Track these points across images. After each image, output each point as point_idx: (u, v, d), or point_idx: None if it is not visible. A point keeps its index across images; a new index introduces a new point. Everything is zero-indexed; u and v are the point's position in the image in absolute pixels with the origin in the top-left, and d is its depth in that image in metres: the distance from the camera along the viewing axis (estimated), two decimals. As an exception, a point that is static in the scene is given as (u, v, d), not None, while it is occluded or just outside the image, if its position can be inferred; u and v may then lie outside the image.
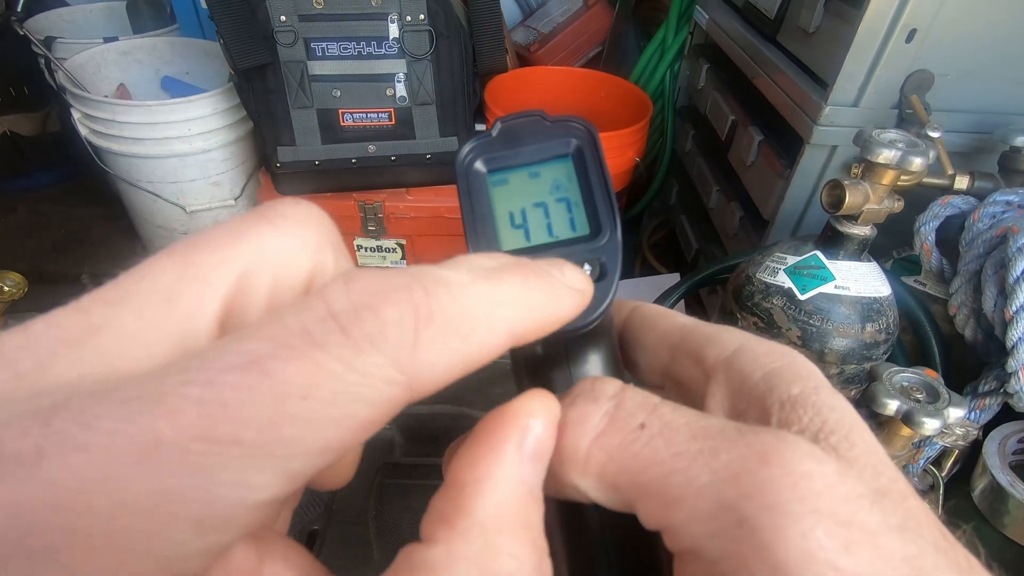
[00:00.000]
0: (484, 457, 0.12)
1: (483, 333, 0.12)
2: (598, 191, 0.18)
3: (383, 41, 1.01)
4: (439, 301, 0.12)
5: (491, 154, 0.19)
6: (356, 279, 0.12)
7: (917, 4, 0.62)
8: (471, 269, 0.13)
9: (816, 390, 0.15)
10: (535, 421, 0.13)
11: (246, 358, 0.10)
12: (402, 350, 0.11)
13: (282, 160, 1.08)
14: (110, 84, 1.29)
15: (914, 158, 0.54)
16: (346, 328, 0.11)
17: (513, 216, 0.18)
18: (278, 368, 0.10)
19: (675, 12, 1.25)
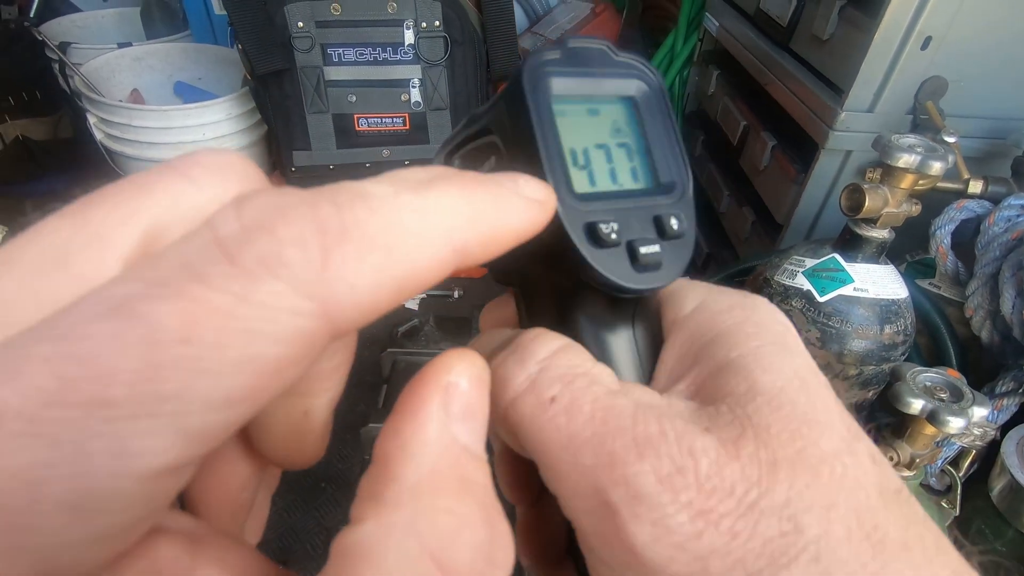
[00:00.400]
0: (407, 423, 0.11)
1: (413, 245, 0.11)
2: (666, 142, 0.17)
3: (399, 47, 1.02)
4: (353, 214, 0.10)
5: (564, 75, 0.16)
6: (250, 199, 0.10)
7: (932, 13, 0.64)
8: (396, 180, 0.11)
9: (756, 351, 0.15)
10: (459, 379, 0.12)
11: (111, 303, 0.09)
12: (307, 272, 0.09)
13: (297, 164, 1.09)
14: (123, 89, 1.30)
15: (933, 162, 0.56)
16: (233, 254, 0.09)
17: (575, 154, 0.16)
18: (148, 310, 0.08)
19: (684, 19, 1.27)
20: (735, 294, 0.17)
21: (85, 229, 0.11)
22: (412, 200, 0.11)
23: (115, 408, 0.08)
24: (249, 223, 0.09)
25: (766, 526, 0.12)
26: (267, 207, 0.10)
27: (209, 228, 0.09)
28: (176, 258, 0.09)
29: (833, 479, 0.13)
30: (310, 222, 0.10)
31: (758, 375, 0.14)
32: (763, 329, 0.15)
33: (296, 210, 0.10)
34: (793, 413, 0.13)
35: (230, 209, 0.10)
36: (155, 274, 0.09)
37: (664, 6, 1.45)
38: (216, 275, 0.09)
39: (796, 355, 0.15)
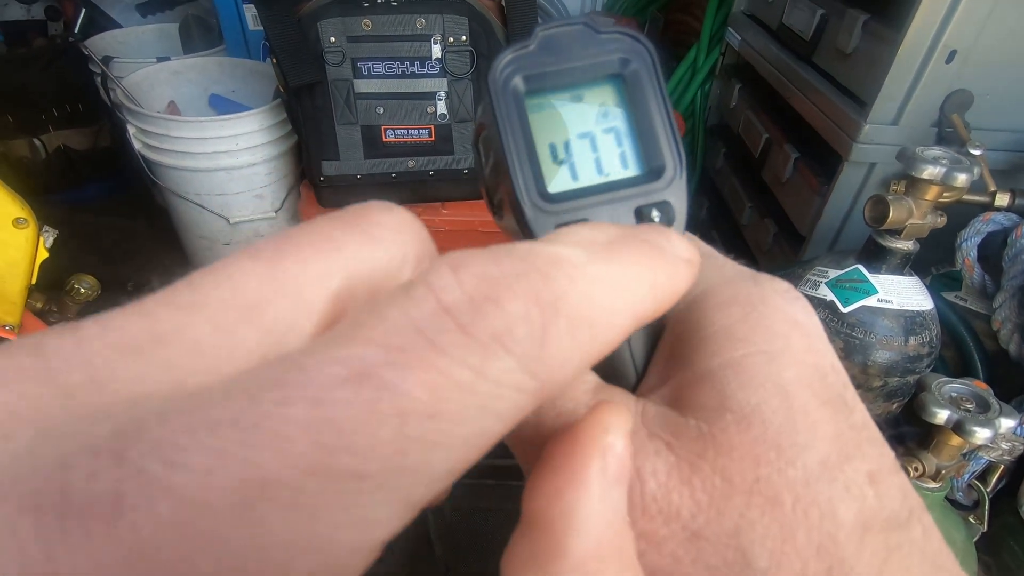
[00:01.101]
0: (568, 486, 0.11)
1: (609, 321, 0.10)
2: (657, 122, 0.16)
3: (426, 61, 1.05)
4: (560, 286, 0.10)
5: (531, 71, 0.15)
6: (464, 264, 0.10)
7: (958, 26, 0.64)
8: (581, 243, 0.11)
9: (740, 361, 0.13)
10: (614, 439, 0.11)
11: (355, 367, 0.08)
12: (532, 349, 0.09)
13: (326, 174, 1.12)
14: (161, 101, 1.35)
15: (959, 174, 0.56)
16: (467, 327, 0.09)
17: (555, 149, 0.15)
18: (396, 380, 0.08)
19: (706, 33, 1.28)
20: (743, 281, 0.15)
21: (277, 281, 0.10)
22: (604, 271, 0.11)
23: (367, 481, 0.08)
24: (474, 293, 0.09)
25: (710, 554, 0.12)
26: (485, 276, 0.09)
27: (431, 292, 0.09)
28: (404, 322, 0.09)
29: (797, 509, 0.12)
30: (530, 295, 0.09)
31: (732, 390, 0.13)
32: (758, 332, 0.14)
33: (515, 281, 0.09)
34: (763, 435, 0.12)
35: (448, 275, 0.09)
36: (389, 339, 0.08)
37: (686, 21, 1.47)
38: (454, 346, 0.09)
39: (790, 364, 0.13)
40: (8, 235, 0.49)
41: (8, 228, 0.49)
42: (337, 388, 0.08)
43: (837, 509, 0.12)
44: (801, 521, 0.12)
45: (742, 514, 0.12)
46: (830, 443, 0.13)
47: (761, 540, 0.12)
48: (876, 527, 0.12)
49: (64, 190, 1.54)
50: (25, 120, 1.42)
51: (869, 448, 0.13)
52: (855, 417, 0.13)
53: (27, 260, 0.51)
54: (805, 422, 0.13)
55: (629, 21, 1.59)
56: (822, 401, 0.13)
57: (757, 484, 0.12)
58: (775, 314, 0.14)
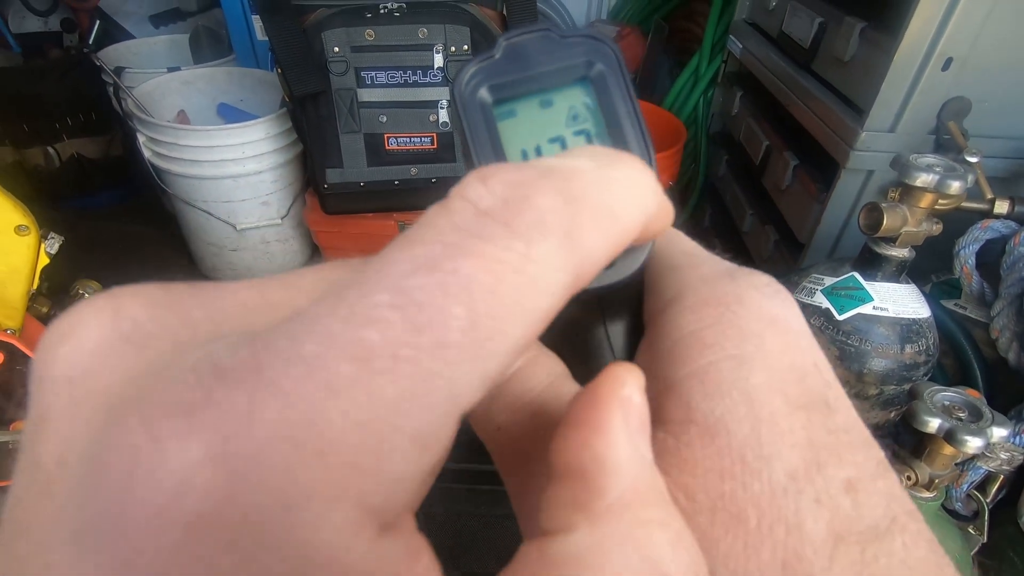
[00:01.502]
0: (594, 435, 0.11)
1: (625, 213, 0.11)
2: (626, 122, 0.16)
3: (428, 70, 1.07)
4: (580, 186, 0.11)
5: (497, 80, 0.15)
6: (492, 175, 0.11)
7: (954, 33, 0.64)
8: (588, 156, 0.12)
9: (705, 369, 0.13)
10: (630, 392, 0.11)
11: (421, 262, 0.09)
12: (565, 236, 0.10)
13: (330, 181, 1.14)
14: (171, 111, 1.37)
15: (952, 182, 0.56)
16: (507, 221, 0.10)
17: (526, 154, 0.16)
18: (459, 265, 0.09)
19: (708, 42, 1.29)
20: (719, 280, 0.15)
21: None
22: (615, 173, 0.12)
23: (450, 350, 0.09)
24: (507, 195, 0.10)
25: None
26: (513, 182, 0.10)
27: (465, 201, 0.10)
28: (450, 226, 0.10)
29: (763, 525, 0.12)
30: (556, 192, 0.10)
31: (697, 401, 0.13)
32: (728, 335, 0.13)
33: (539, 183, 0.11)
34: (727, 446, 0.12)
35: (479, 185, 0.10)
36: (442, 237, 0.10)
37: (689, 28, 1.48)
38: (499, 237, 0.10)
39: (761, 368, 0.13)
40: (10, 242, 0.51)
41: (10, 235, 0.50)
42: (409, 277, 0.09)
43: (804, 522, 0.12)
44: (766, 538, 0.12)
45: (705, 532, 0.12)
46: (801, 451, 0.12)
47: (724, 560, 0.12)
48: (851, 538, 0.12)
49: (77, 197, 1.57)
50: (40, 129, 1.45)
51: (849, 453, 0.13)
52: (836, 420, 0.13)
53: (28, 266, 0.53)
54: (772, 431, 0.12)
55: (633, 29, 1.60)
56: (796, 406, 0.13)
57: (721, 500, 0.12)
58: (749, 313, 0.14)
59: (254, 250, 1.34)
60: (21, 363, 0.46)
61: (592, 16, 1.78)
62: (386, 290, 0.09)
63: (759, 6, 1.08)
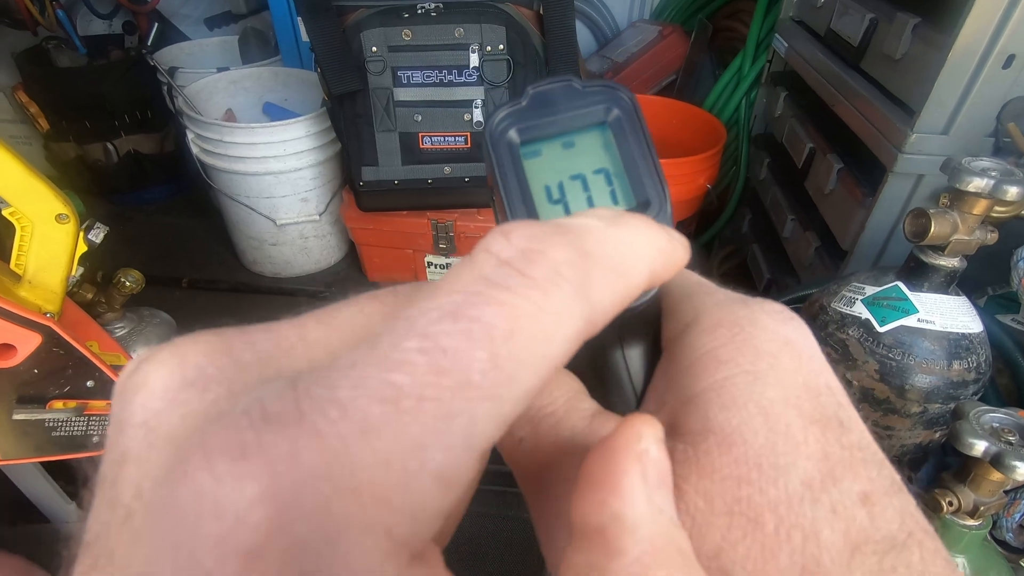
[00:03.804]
0: (612, 494, 0.11)
1: (632, 271, 0.12)
2: (641, 162, 0.17)
3: (464, 70, 1.07)
4: (591, 243, 0.12)
5: (524, 123, 0.17)
6: (512, 230, 0.12)
7: (1016, 29, 0.60)
8: (597, 216, 0.13)
9: (722, 384, 0.14)
10: (647, 445, 0.12)
11: (446, 310, 0.10)
12: (580, 287, 0.11)
13: (365, 179, 1.16)
14: (219, 109, 1.43)
15: (1009, 187, 0.52)
16: (525, 271, 0.11)
17: (550, 190, 0.17)
18: (481, 313, 0.10)
19: (752, 40, 1.25)
20: (732, 306, 0.15)
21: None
22: (620, 232, 0.13)
23: (473, 391, 0.10)
24: (526, 248, 0.11)
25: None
26: (532, 236, 0.11)
27: (488, 253, 0.11)
28: (474, 276, 0.11)
29: (780, 530, 0.12)
30: (570, 247, 0.11)
31: (714, 412, 0.13)
32: (743, 353, 0.14)
33: (555, 239, 0.11)
34: (745, 455, 0.13)
35: (501, 239, 0.11)
36: (466, 287, 0.11)
37: (734, 27, 1.43)
38: (518, 286, 0.10)
39: (775, 384, 0.14)
40: (51, 230, 0.54)
41: (51, 223, 0.53)
42: (439, 324, 0.10)
43: (821, 531, 0.12)
44: (784, 543, 0.12)
45: (723, 536, 0.12)
46: (816, 463, 0.13)
47: (742, 561, 0.12)
48: (867, 549, 0.12)
49: (132, 192, 1.65)
50: (101, 126, 1.54)
51: (863, 468, 0.13)
52: (850, 437, 0.13)
53: (67, 253, 0.55)
54: (788, 442, 0.13)
55: (676, 28, 1.56)
56: (810, 420, 0.13)
57: (739, 505, 0.12)
58: (763, 334, 0.14)
59: (292, 245, 1.38)
60: (58, 345, 0.48)
61: (635, 15, 1.76)
62: (415, 336, 0.10)
63: (806, 3, 1.04)
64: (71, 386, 0.50)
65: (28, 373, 0.49)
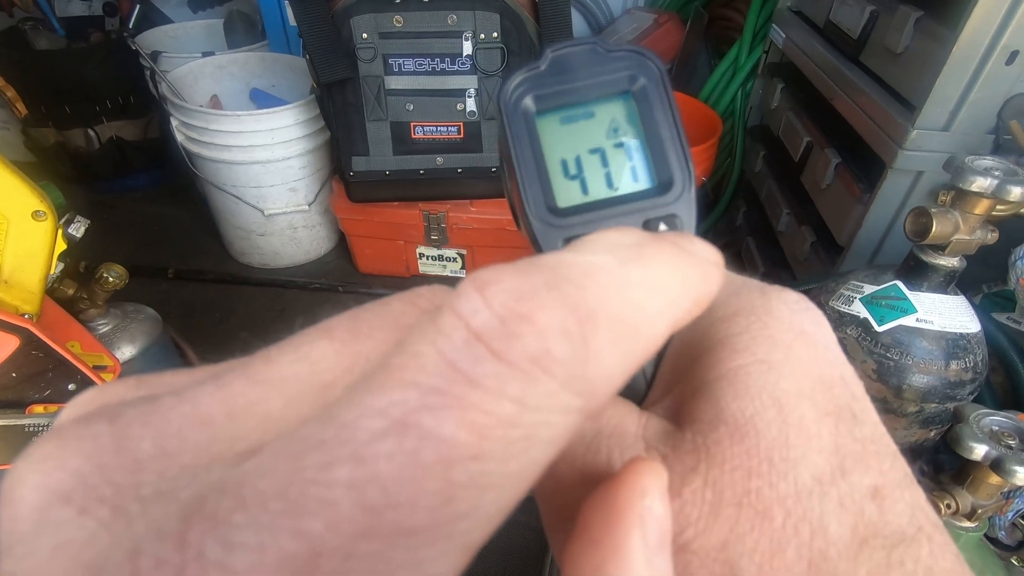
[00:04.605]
0: (610, 560, 0.10)
1: (651, 327, 0.10)
2: (667, 137, 0.16)
3: (457, 58, 1.05)
4: (596, 295, 0.09)
5: (541, 90, 0.16)
6: (490, 282, 0.09)
7: (1020, 25, 0.59)
8: (612, 248, 0.11)
9: (736, 372, 0.13)
10: (651, 502, 0.11)
11: (393, 416, 0.08)
12: (575, 367, 0.09)
13: (355, 169, 1.13)
14: (205, 95, 1.39)
15: (1013, 187, 0.51)
16: (502, 352, 0.08)
17: (567, 165, 0.16)
18: (436, 425, 0.08)
19: (749, 30, 1.23)
20: (749, 294, 0.15)
21: (350, 361, 0.10)
22: (639, 273, 0.10)
23: (418, 535, 0.08)
24: (505, 312, 0.09)
25: (698, 567, 0.12)
26: (515, 293, 0.09)
27: (459, 318, 0.09)
28: (437, 355, 0.08)
29: (787, 524, 0.12)
30: (565, 308, 0.09)
31: (727, 401, 0.13)
32: (759, 342, 0.13)
33: (547, 294, 0.09)
34: (756, 447, 0.12)
35: (475, 296, 0.09)
36: (424, 378, 0.08)
37: (730, 16, 1.41)
38: (491, 377, 0.08)
39: (789, 375, 0.13)
40: (27, 227, 0.51)
41: (27, 220, 0.51)
42: (377, 442, 0.08)
43: (829, 525, 0.12)
44: (791, 536, 0.12)
45: (731, 528, 0.12)
46: (827, 456, 0.12)
47: (750, 554, 0.12)
48: (876, 543, 0.12)
49: (115, 179, 1.61)
50: (81, 111, 1.49)
51: (875, 461, 0.13)
52: (863, 430, 0.13)
53: (45, 252, 0.53)
54: (800, 434, 0.12)
55: (672, 16, 1.54)
56: (823, 413, 0.13)
57: (748, 497, 0.12)
58: (778, 324, 0.14)
59: (281, 235, 1.36)
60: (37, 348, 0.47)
61: (630, 3, 1.73)
62: (346, 460, 0.08)
63: (806, -7, 1.02)
64: (51, 390, 0.48)
65: (6, 377, 0.47)
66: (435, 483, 0.08)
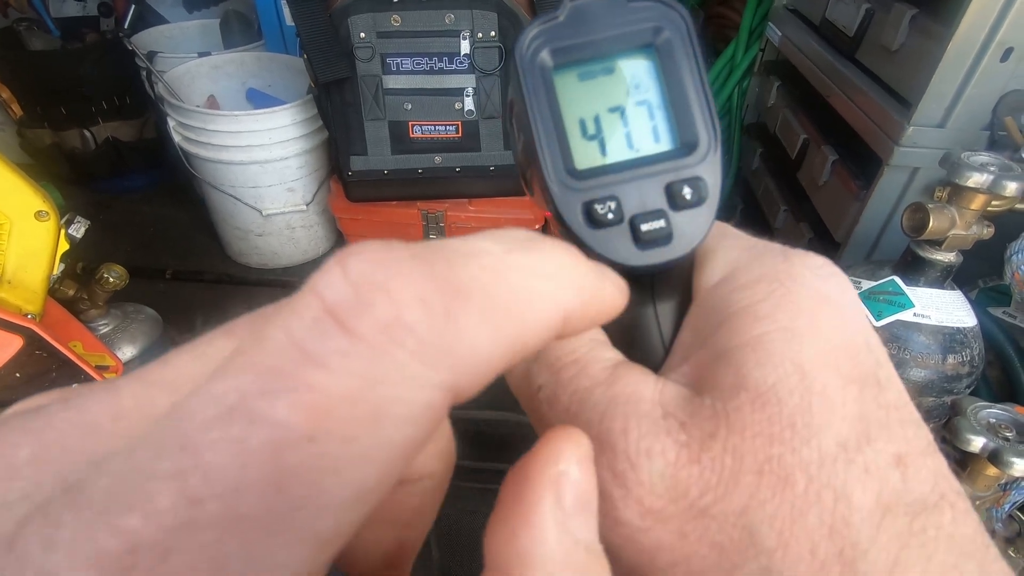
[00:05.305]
0: (521, 527, 0.10)
1: (529, 307, 0.10)
2: (692, 93, 0.15)
3: (455, 57, 1.05)
4: (469, 271, 0.09)
5: (559, 43, 0.15)
6: (354, 255, 0.09)
7: (1015, 22, 0.59)
8: (500, 239, 0.10)
9: (758, 340, 0.13)
10: (568, 466, 0.11)
11: (224, 403, 0.07)
12: (432, 336, 0.08)
13: (354, 168, 1.13)
14: (201, 95, 1.39)
15: (1008, 183, 0.52)
16: (349, 325, 0.08)
17: (585, 124, 0.15)
18: (267, 409, 0.07)
19: (746, 28, 1.24)
20: (771, 260, 0.14)
21: None
22: (523, 259, 0.10)
23: (248, 525, 0.07)
24: (360, 282, 0.08)
25: (716, 531, 0.12)
26: (376, 263, 0.08)
27: (314, 294, 0.08)
28: (284, 337, 0.08)
29: (810, 490, 0.12)
30: (428, 279, 0.08)
31: (749, 369, 0.13)
32: (782, 309, 0.13)
33: (409, 265, 0.08)
34: (778, 414, 0.12)
35: (335, 269, 0.08)
36: (265, 360, 0.08)
37: (726, 14, 1.42)
38: (334, 354, 0.08)
39: (813, 342, 0.13)
40: (30, 227, 0.51)
41: (30, 220, 0.51)
42: (207, 430, 0.07)
43: (853, 491, 0.12)
44: (813, 502, 0.12)
45: (752, 494, 0.12)
46: (851, 424, 0.12)
47: (770, 520, 0.12)
48: (899, 510, 0.12)
49: (112, 179, 1.61)
50: (77, 112, 1.49)
51: (900, 429, 0.13)
52: (887, 396, 0.13)
53: (48, 251, 0.53)
54: (824, 402, 0.12)
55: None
56: (847, 380, 0.13)
57: (769, 464, 0.12)
58: (802, 291, 0.14)
59: (279, 235, 1.35)
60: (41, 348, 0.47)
61: None
62: (171, 453, 0.07)
63: (801, -9, 1.03)
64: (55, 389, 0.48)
65: (10, 377, 0.47)
66: (262, 469, 0.07)
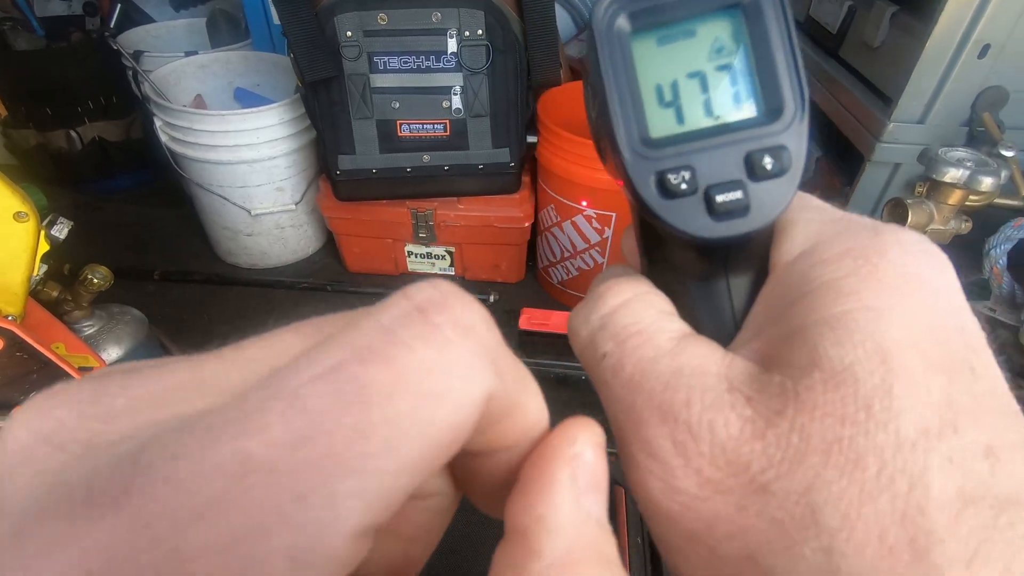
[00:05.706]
0: (540, 497, 0.11)
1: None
2: (780, 56, 0.14)
3: (442, 55, 1.05)
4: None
5: (637, 6, 0.14)
6: (415, 290, 0.11)
7: (992, 19, 0.60)
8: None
9: (840, 318, 0.13)
10: (583, 449, 0.12)
11: (327, 365, 0.09)
12: (491, 344, 0.11)
13: (342, 168, 1.13)
14: (188, 95, 1.38)
15: (983, 178, 0.53)
16: (432, 318, 0.10)
17: (661, 91, 0.15)
18: (360, 369, 0.09)
19: (732, 26, 1.24)
20: (859, 234, 0.14)
21: None
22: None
23: (333, 462, 0.09)
24: (446, 291, 0.11)
25: (776, 507, 0.12)
26: (434, 294, 0.11)
27: (405, 297, 0.10)
28: (376, 324, 0.10)
29: (882, 475, 0.11)
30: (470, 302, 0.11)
31: (825, 347, 0.12)
32: (867, 286, 0.13)
33: (457, 295, 0.11)
34: (855, 395, 0.12)
35: (400, 297, 0.11)
36: (360, 339, 0.10)
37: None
38: (416, 338, 0.10)
39: (900, 323, 0.12)
40: (9, 228, 0.51)
41: (8, 222, 0.51)
42: (312, 383, 0.09)
43: (932, 480, 0.11)
44: (886, 488, 0.11)
45: (817, 474, 0.12)
46: (936, 410, 0.12)
47: (835, 501, 0.12)
48: (984, 503, 0.11)
49: (98, 180, 1.60)
50: (63, 112, 1.47)
51: (991, 419, 0.12)
52: (982, 385, 0.13)
53: (28, 253, 0.53)
54: (906, 386, 0.12)
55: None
56: (935, 366, 0.12)
57: (838, 445, 0.12)
58: (891, 268, 0.13)
59: (268, 235, 1.35)
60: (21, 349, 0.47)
61: (614, -1, 1.74)
62: (284, 395, 0.09)
63: (786, -11, 1.04)
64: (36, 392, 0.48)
65: (-10, 379, 0.47)
66: (353, 417, 0.09)
